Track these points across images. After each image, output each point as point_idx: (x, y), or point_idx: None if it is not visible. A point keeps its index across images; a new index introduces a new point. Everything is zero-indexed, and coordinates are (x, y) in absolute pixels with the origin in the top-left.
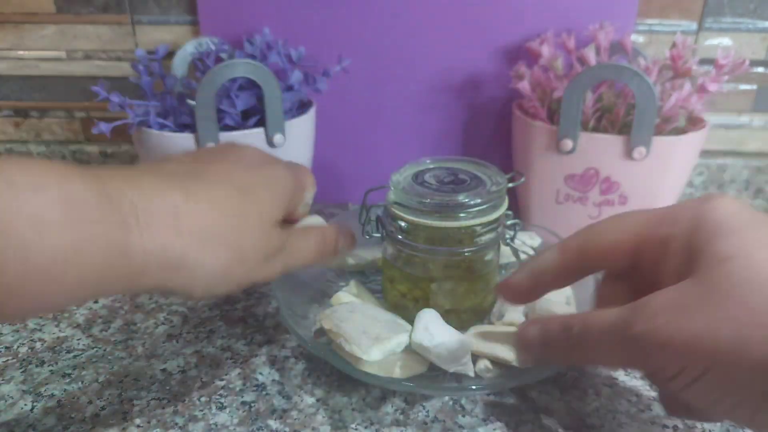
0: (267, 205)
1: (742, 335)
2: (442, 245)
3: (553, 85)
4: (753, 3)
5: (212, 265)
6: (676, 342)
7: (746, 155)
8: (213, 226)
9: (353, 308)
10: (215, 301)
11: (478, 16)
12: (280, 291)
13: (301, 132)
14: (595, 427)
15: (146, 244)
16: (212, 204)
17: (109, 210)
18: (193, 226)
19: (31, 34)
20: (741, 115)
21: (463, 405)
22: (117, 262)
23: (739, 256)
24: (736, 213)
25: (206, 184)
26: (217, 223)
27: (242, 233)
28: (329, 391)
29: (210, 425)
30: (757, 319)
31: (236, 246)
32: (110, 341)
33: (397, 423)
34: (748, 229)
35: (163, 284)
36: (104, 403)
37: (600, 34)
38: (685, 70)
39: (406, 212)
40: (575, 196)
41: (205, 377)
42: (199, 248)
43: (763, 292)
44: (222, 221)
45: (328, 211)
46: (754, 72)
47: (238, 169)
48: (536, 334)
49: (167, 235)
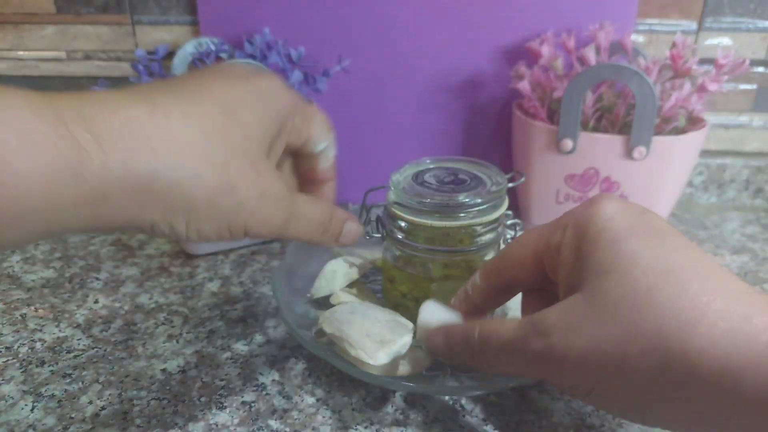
0: (254, 127)
1: (622, 351)
2: (442, 245)
3: (553, 85)
4: (753, 3)
5: (192, 187)
6: (569, 359)
7: (746, 155)
8: (188, 143)
9: (353, 309)
10: (215, 302)
11: (478, 16)
12: (279, 291)
13: None
14: (595, 427)
15: (106, 162)
16: (186, 120)
17: (61, 131)
18: (162, 141)
19: (31, 34)
20: (741, 114)
21: (464, 405)
22: (72, 185)
23: (617, 271)
24: (614, 219)
25: (178, 99)
26: (193, 141)
27: (227, 155)
28: (329, 391)
29: (210, 425)
30: (632, 335)
31: (221, 167)
32: (110, 341)
33: (398, 423)
34: (623, 241)
35: (136, 214)
36: (104, 403)
37: (600, 34)
38: (685, 69)
39: (406, 212)
40: (575, 196)
41: (205, 377)
42: (173, 164)
43: (636, 308)
44: (199, 139)
45: None
46: (754, 72)
47: (221, 82)
48: (441, 341)
49: (130, 150)
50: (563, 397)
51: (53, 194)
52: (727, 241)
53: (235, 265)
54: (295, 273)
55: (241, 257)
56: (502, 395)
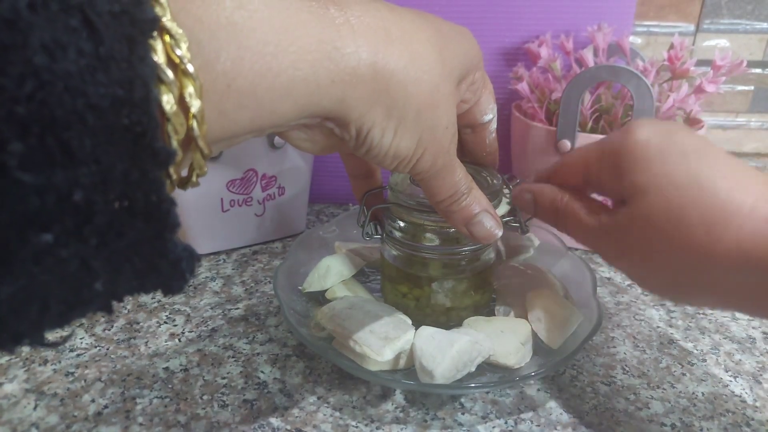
0: (458, 59)
1: (644, 266)
2: (441, 244)
3: (552, 87)
4: (750, 4)
5: (413, 92)
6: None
7: (744, 155)
8: (418, 51)
9: (351, 304)
10: (217, 301)
11: (477, 18)
12: (281, 290)
13: None
14: (593, 425)
15: (358, 45)
16: (417, 29)
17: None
18: (402, 39)
19: None
20: (738, 115)
21: (463, 403)
22: (329, 59)
23: (652, 192)
24: (648, 143)
25: (407, 11)
26: (424, 50)
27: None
28: (330, 389)
29: (212, 423)
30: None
31: (435, 82)
32: (113, 340)
33: (398, 421)
34: (656, 162)
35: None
36: (107, 402)
37: (598, 35)
38: (682, 71)
39: (405, 212)
40: None
41: (207, 375)
42: (405, 66)
43: (671, 222)
44: (427, 49)
45: (329, 212)
46: (751, 73)
47: (434, 17)
48: (529, 198)
49: (375, 40)
50: (561, 395)
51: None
52: None
53: (237, 265)
54: (296, 272)
55: (243, 257)
56: (501, 393)
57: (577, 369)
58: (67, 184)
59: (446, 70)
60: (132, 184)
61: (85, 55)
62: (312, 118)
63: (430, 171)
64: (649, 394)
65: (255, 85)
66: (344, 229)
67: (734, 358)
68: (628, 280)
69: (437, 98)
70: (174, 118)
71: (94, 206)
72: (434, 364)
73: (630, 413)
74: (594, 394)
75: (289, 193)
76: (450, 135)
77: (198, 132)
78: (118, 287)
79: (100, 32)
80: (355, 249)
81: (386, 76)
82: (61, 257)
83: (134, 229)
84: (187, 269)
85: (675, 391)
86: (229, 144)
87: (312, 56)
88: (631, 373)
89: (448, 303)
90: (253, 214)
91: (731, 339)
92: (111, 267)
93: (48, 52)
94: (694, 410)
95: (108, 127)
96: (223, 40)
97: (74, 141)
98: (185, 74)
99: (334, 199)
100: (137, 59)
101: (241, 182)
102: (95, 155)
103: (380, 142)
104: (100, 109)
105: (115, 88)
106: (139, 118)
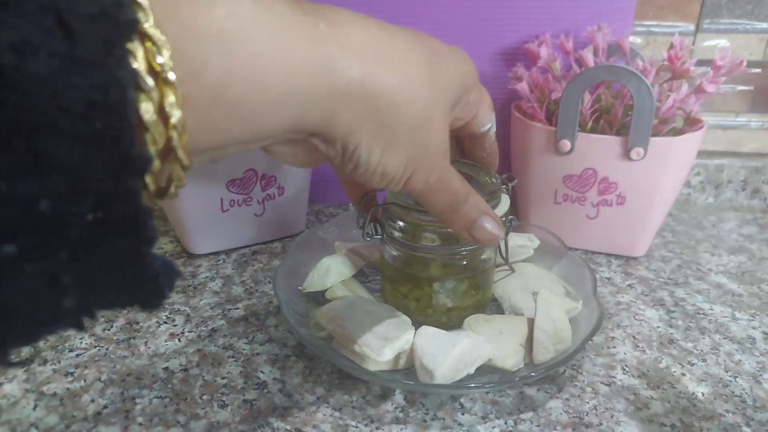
0: (451, 78)
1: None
2: (441, 245)
3: (552, 87)
4: (750, 4)
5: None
6: None
7: (743, 155)
8: (411, 71)
9: (351, 304)
10: (217, 301)
11: (476, 18)
12: (281, 290)
13: None
14: (593, 426)
15: (348, 64)
16: (409, 49)
17: (307, 21)
18: (393, 59)
19: None
20: (738, 115)
21: (463, 403)
22: (320, 75)
23: None
24: None
25: (400, 30)
26: (417, 70)
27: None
28: (330, 389)
29: (212, 423)
30: None
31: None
32: (113, 340)
33: (397, 421)
34: None
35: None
36: (106, 402)
37: (598, 35)
38: (682, 71)
39: (405, 212)
40: (573, 196)
41: (206, 376)
42: (396, 85)
43: None
44: (420, 70)
45: (329, 212)
46: (751, 73)
47: (427, 37)
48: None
49: (367, 58)
50: (561, 396)
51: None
52: (725, 242)
53: (237, 265)
54: (296, 272)
55: (243, 257)
56: (501, 393)
57: (577, 369)
58: (35, 193)
59: (437, 90)
60: (106, 194)
61: (57, 56)
62: (298, 133)
63: (424, 189)
64: (649, 394)
65: (244, 97)
66: (344, 229)
67: (734, 358)
68: (628, 280)
69: (428, 119)
70: (153, 128)
71: (64, 217)
72: (435, 363)
73: (630, 413)
74: (594, 394)
75: (288, 193)
76: (442, 153)
77: (178, 142)
78: (90, 304)
79: (75, 33)
80: (355, 249)
81: (376, 95)
82: (26, 271)
83: (108, 242)
84: (166, 285)
85: (675, 391)
86: (214, 156)
87: (302, 71)
88: (631, 373)
89: (450, 303)
90: (253, 214)
91: (731, 339)
92: (83, 282)
93: (17, 52)
94: (694, 410)
95: (81, 132)
96: (212, 50)
97: (43, 146)
98: (166, 83)
99: (333, 199)
100: (114, 62)
101: (240, 182)
102: (66, 162)
103: (367, 160)
104: (72, 112)
105: (90, 91)
106: (113, 122)
